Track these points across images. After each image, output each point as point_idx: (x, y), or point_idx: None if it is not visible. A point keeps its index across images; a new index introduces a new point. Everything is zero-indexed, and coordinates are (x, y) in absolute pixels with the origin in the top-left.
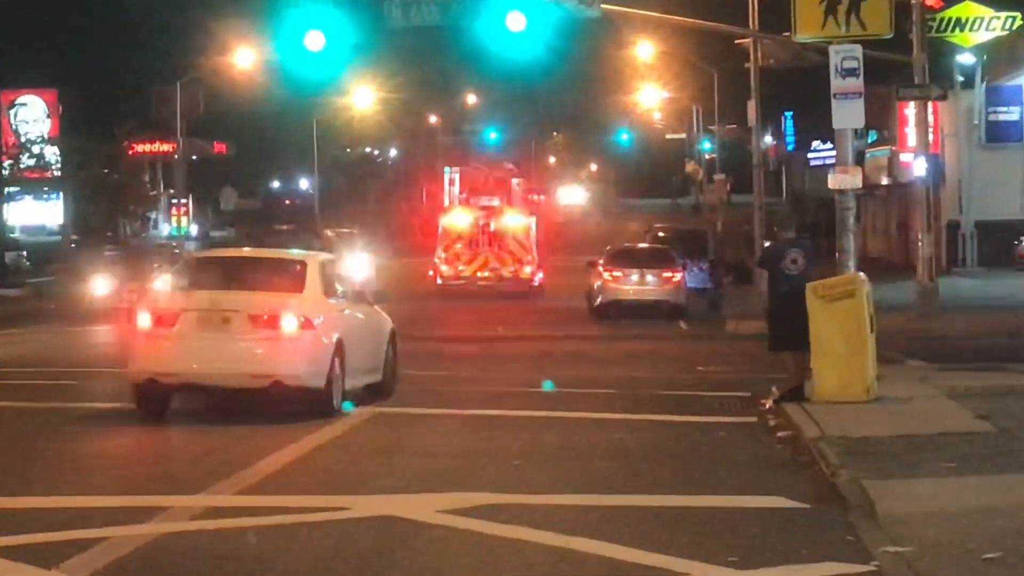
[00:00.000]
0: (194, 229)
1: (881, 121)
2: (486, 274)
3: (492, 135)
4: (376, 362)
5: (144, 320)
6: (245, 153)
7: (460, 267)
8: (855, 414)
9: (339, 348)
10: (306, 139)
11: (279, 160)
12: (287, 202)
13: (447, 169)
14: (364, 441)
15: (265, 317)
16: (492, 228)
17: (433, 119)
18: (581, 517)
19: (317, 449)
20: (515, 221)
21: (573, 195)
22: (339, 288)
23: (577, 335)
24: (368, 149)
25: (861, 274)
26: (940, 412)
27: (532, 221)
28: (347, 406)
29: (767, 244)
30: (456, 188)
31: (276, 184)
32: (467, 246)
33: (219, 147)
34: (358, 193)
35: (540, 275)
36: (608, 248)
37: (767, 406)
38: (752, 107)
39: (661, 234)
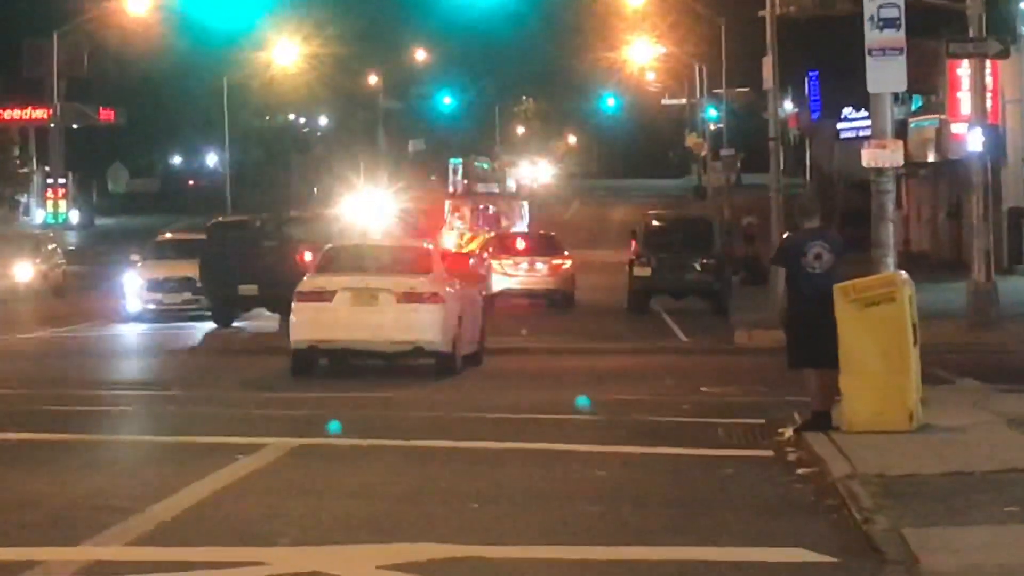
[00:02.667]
0: (74, 216)
1: (928, 84)
2: (486, 253)
3: (446, 100)
4: (475, 333)
5: (301, 297)
6: (139, 122)
7: (461, 246)
8: (894, 446)
9: (460, 320)
10: (214, 105)
11: (181, 131)
12: (191, 182)
13: (451, 161)
14: (286, 479)
15: (407, 294)
16: (491, 212)
17: (373, 80)
18: (555, 574)
19: (228, 488)
20: (511, 206)
21: (539, 173)
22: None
23: (553, 347)
24: (292, 117)
25: (902, 273)
26: (999, 443)
27: (525, 204)
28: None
29: (785, 235)
30: (459, 176)
31: (177, 160)
32: (469, 228)
33: (106, 114)
34: (280, 171)
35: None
36: (495, 235)
37: (786, 436)
38: (768, 66)
39: (655, 223)
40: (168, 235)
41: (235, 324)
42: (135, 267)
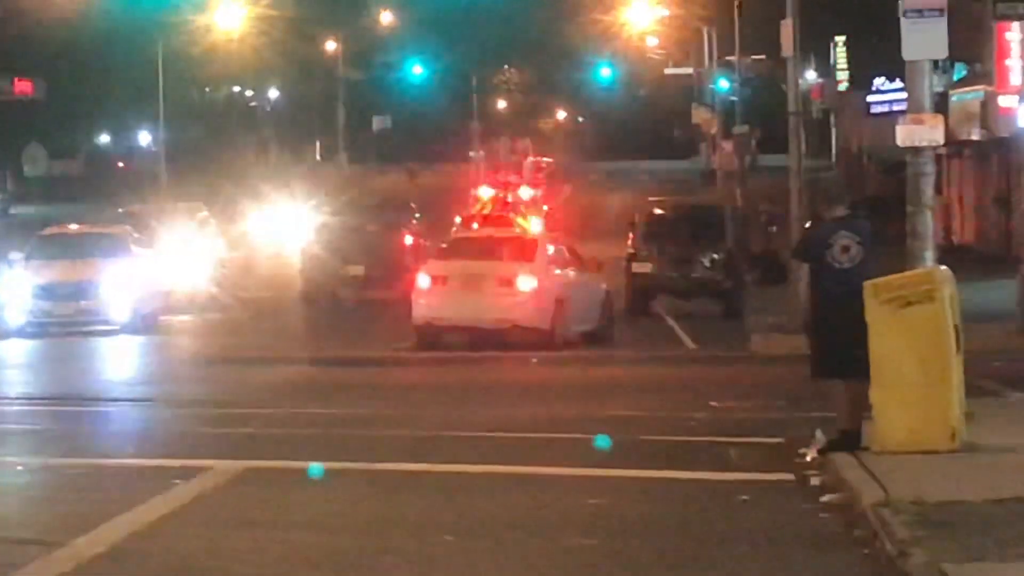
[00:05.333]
0: None
1: (972, 51)
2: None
3: (416, 70)
4: (591, 314)
5: (424, 280)
6: (60, 95)
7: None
8: (934, 469)
9: (560, 301)
10: (147, 76)
11: (109, 105)
12: (120, 165)
13: (471, 154)
14: (231, 507)
15: (505, 279)
16: (510, 199)
17: (331, 47)
18: None
19: (164, 519)
20: (527, 193)
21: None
22: (561, 258)
23: (547, 358)
24: (237, 90)
25: (943, 268)
26: None
27: (539, 192)
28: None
29: (808, 226)
30: (482, 166)
31: (104, 139)
32: (491, 210)
33: (22, 86)
34: (224, 151)
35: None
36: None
37: (809, 458)
38: (788, 29)
39: (658, 212)
40: (56, 229)
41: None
42: (16, 269)
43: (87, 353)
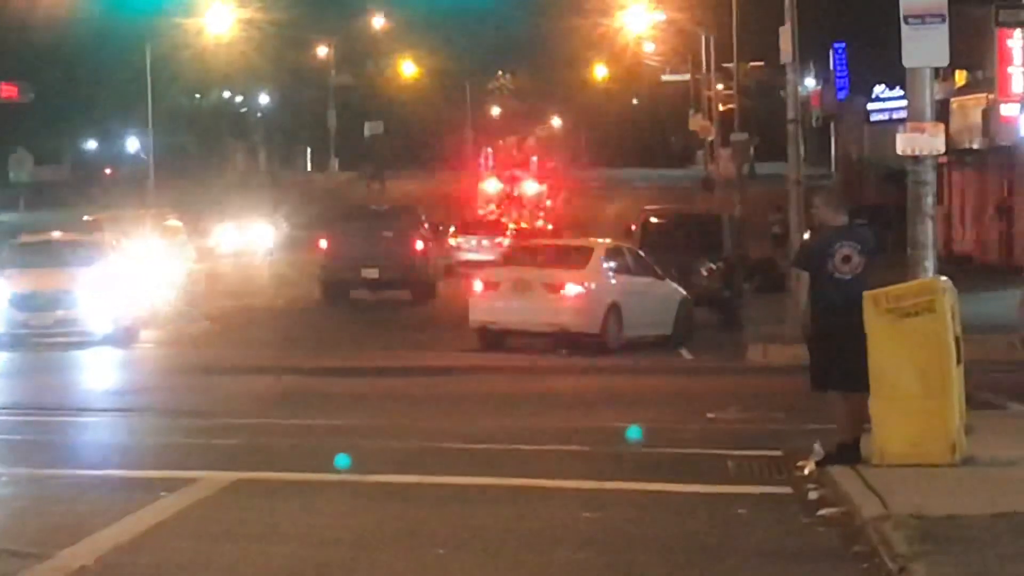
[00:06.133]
0: None
1: (974, 58)
2: (511, 224)
3: (409, 75)
4: (659, 319)
5: (478, 286)
6: (46, 100)
7: (490, 220)
8: (934, 483)
9: (613, 307)
10: (136, 80)
11: (96, 110)
12: (107, 171)
13: (485, 150)
14: (219, 519)
15: (555, 285)
16: (516, 193)
17: (323, 52)
18: None
19: (151, 531)
20: (532, 188)
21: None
22: (623, 265)
23: (533, 365)
24: (227, 95)
25: (943, 279)
26: None
27: (544, 187)
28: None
29: (807, 235)
30: (490, 162)
31: (92, 145)
32: (497, 206)
33: (8, 90)
34: (214, 158)
35: (550, 227)
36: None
37: (807, 470)
38: (787, 36)
39: (655, 220)
40: (31, 236)
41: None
42: None
43: (68, 364)
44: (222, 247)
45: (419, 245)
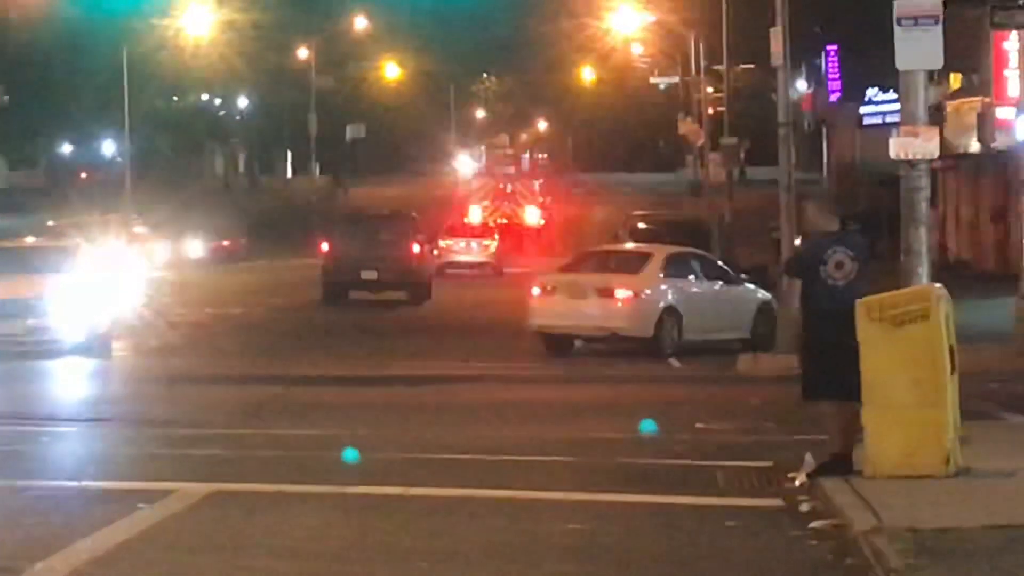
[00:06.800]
0: None
1: (969, 60)
2: (503, 220)
3: (391, 78)
4: (733, 323)
5: (536, 291)
6: (20, 103)
7: (486, 217)
8: (928, 495)
9: (670, 311)
10: (112, 83)
11: (71, 113)
12: (83, 175)
13: (477, 148)
14: (196, 532)
15: (606, 290)
16: (509, 190)
17: (303, 54)
18: None
19: (127, 544)
20: (524, 185)
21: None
22: (688, 270)
23: (518, 374)
24: (206, 97)
25: (938, 286)
26: None
27: (537, 184)
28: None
29: (799, 241)
30: (483, 160)
31: (67, 149)
32: (491, 202)
33: None
34: (192, 161)
35: (542, 221)
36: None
37: (798, 482)
38: (778, 38)
39: (642, 225)
40: (1, 243)
41: None
42: None
43: (40, 373)
44: (192, 253)
45: (415, 248)
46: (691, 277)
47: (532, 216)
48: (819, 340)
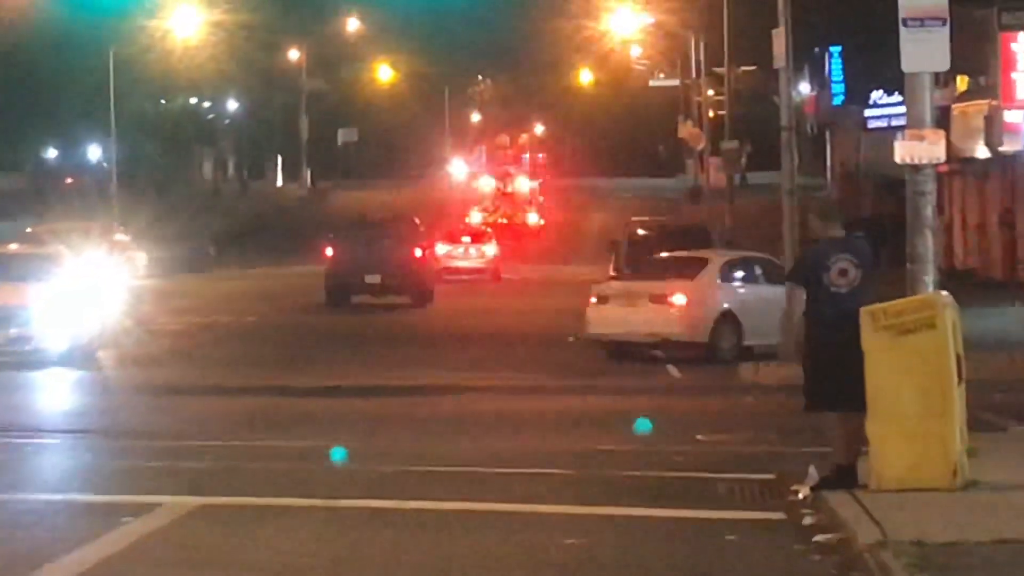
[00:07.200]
0: None
1: (976, 62)
2: (503, 220)
3: (384, 80)
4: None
5: (592, 299)
6: (4, 106)
7: (486, 217)
8: (934, 508)
9: (727, 316)
10: (98, 85)
11: (56, 117)
12: (68, 180)
13: (477, 149)
14: (182, 546)
15: (658, 296)
16: (509, 189)
17: (294, 55)
18: None
19: (112, 559)
20: (524, 184)
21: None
22: (749, 275)
23: (515, 384)
24: (194, 101)
25: (944, 293)
26: None
27: (536, 183)
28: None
29: (803, 248)
30: (483, 159)
31: (52, 153)
32: (491, 202)
33: None
34: (180, 166)
35: (542, 221)
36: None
37: (801, 495)
38: (780, 39)
39: (641, 232)
40: None
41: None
42: None
43: (24, 384)
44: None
45: (418, 253)
46: (751, 282)
47: (532, 216)
48: (822, 349)
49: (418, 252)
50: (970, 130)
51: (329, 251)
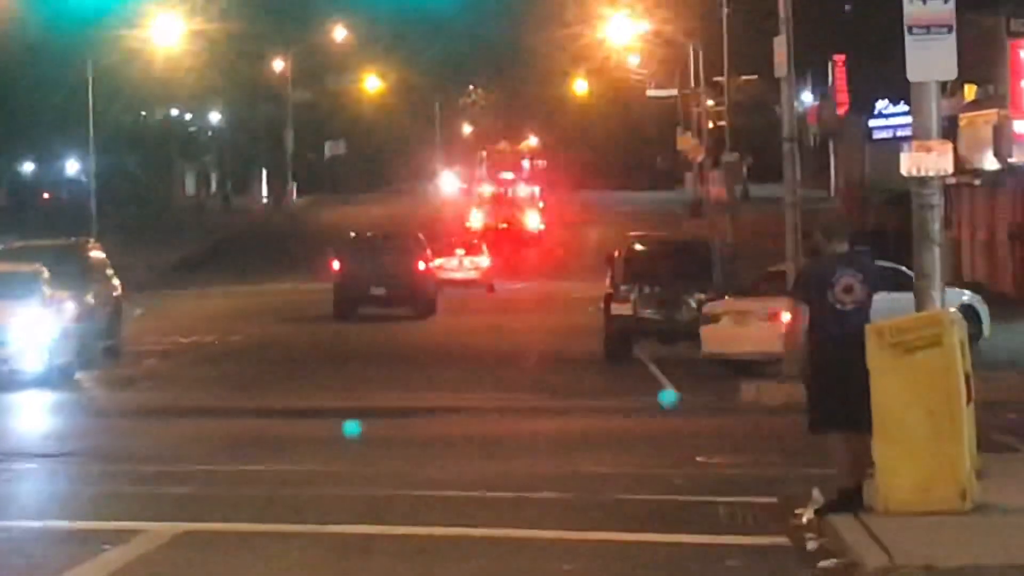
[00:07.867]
0: None
1: (984, 71)
2: (504, 225)
3: (372, 91)
4: None
5: (704, 319)
6: None
7: (488, 221)
8: (943, 532)
9: None
10: (76, 98)
11: (33, 130)
12: (45, 195)
13: (480, 153)
14: (164, 574)
15: (768, 315)
16: (510, 194)
17: (279, 66)
18: None
19: None
20: (525, 190)
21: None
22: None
23: (510, 406)
24: (176, 113)
25: (952, 310)
26: None
27: (537, 189)
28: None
29: (806, 263)
30: (485, 164)
31: (28, 168)
32: (493, 207)
33: None
34: (162, 181)
35: (542, 226)
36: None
37: (805, 519)
38: (782, 47)
39: (639, 247)
40: None
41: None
42: None
43: (0, 407)
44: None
45: (421, 266)
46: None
47: (532, 221)
48: (827, 368)
49: (421, 265)
50: (978, 141)
51: (336, 265)
